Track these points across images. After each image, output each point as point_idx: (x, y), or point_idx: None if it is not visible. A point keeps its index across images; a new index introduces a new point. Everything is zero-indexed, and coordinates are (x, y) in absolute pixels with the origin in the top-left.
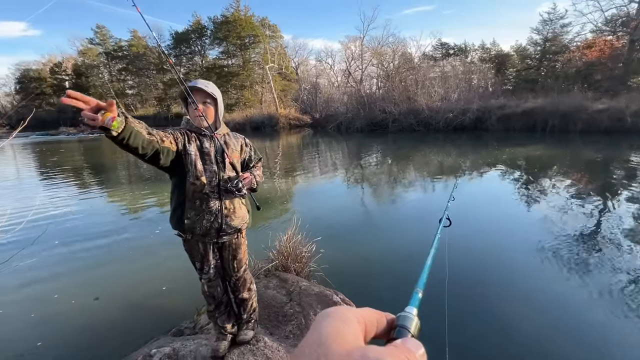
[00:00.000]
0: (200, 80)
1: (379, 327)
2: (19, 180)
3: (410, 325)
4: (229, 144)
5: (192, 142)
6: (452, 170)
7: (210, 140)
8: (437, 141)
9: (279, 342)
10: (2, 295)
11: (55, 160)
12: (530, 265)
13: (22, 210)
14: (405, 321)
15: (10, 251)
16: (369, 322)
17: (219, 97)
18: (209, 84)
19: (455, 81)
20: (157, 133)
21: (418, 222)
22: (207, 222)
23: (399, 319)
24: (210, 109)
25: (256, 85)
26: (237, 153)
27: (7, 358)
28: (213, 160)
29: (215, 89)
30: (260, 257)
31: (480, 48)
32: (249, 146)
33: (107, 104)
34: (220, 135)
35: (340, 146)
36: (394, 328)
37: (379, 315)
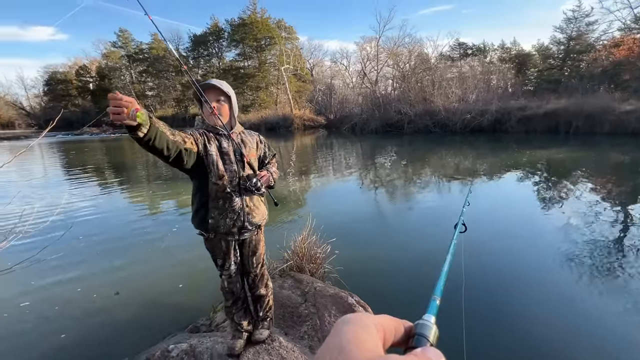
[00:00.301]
0: (214, 80)
1: (397, 335)
2: (46, 179)
3: (429, 334)
4: (245, 142)
5: (212, 143)
6: (469, 172)
7: (228, 140)
8: (454, 143)
9: (294, 342)
10: (30, 288)
11: (79, 159)
12: (550, 272)
13: (49, 208)
14: (423, 329)
15: (38, 246)
16: (387, 329)
17: (233, 94)
18: (222, 83)
19: (473, 82)
20: (179, 134)
21: (433, 226)
22: (231, 221)
23: (417, 327)
24: (225, 107)
25: (271, 86)
26: (253, 151)
27: (34, 348)
28: (233, 159)
29: (229, 87)
30: (275, 257)
31: (500, 48)
32: (264, 143)
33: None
34: (236, 133)
35: (354, 147)
36: (412, 336)
37: (397, 323)
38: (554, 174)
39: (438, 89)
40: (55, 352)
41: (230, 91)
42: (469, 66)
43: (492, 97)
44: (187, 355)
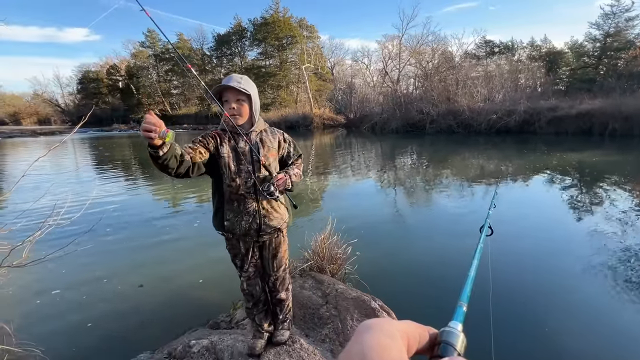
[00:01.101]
0: (234, 76)
1: (421, 342)
2: (78, 173)
3: (455, 342)
4: (264, 142)
5: (224, 144)
6: (493, 175)
7: (245, 139)
8: (478, 144)
9: (315, 345)
10: (61, 277)
11: (108, 154)
12: (580, 280)
13: (80, 201)
14: (450, 337)
15: (69, 237)
16: (411, 336)
17: (253, 92)
18: (242, 79)
19: (500, 81)
20: (188, 151)
21: (456, 229)
22: (246, 223)
23: (443, 334)
24: (244, 107)
25: (292, 85)
26: (273, 150)
27: (62, 334)
28: (249, 159)
29: (249, 83)
30: (296, 256)
31: (529, 45)
32: (288, 142)
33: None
34: (256, 132)
35: (374, 147)
36: (438, 344)
37: (421, 330)
38: (587, 178)
39: (462, 88)
40: (82, 339)
41: (251, 88)
42: (496, 65)
43: (520, 97)
44: (208, 351)
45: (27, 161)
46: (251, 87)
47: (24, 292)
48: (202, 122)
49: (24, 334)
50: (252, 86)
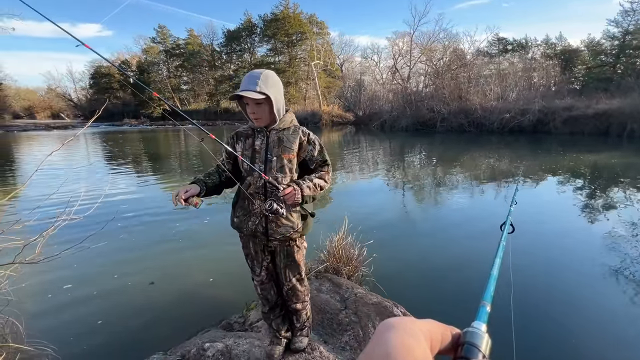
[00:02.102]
0: (252, 75)
1: (444, 342)
2: (90, 167)
3: (480, 344)
4: (282, 141)
5: (240, 142)
6: (506, 174)
7: (263, 137)
8: (490, 144)
9: (335, 352)
10: (72, 272)
11: (119, 149)
12: (600, 283)
13: (92, 196)
14: (474, 338)
15: (82, 233)
16: (434, 336)
17: (273, 91)
18: (260, 78)
19: (513, 79)
20: (220, 171)
21: (470, 228)
22: (252, 224)
23: (467, 335)
24: (264, 109)
25: (301, 82)
26: (290, 152)
27: (71, 330)
28: (262, 158)
29: (268, 81)
30: (311, 257)
31: (543, 43)
32: (313, 143)
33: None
34: (276, 130)
35: (383, 145)
36: (461, 345)
37: (444, 329)
38: (605, 180)
39: (475, 86)
40: (93, 337)
41: (270, 88)
42: (509, 62)
43: (534, 96)
44: (223, 356)
45: (41, 154)
46: (270, 85)
47: (36, 286)
48: (211, 118)
49: (35, 331)
50: (273, 83)
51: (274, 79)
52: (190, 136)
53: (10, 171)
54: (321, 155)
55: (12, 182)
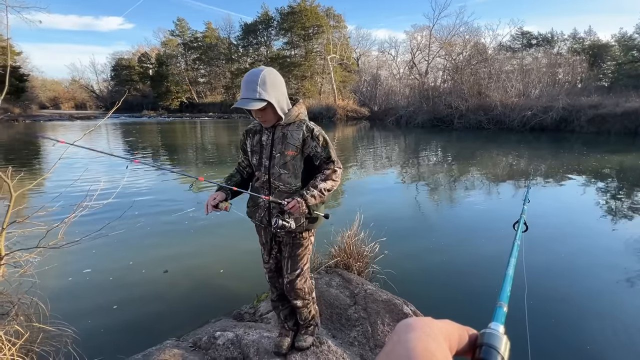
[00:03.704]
0: (250, 79)
1: (461, 343)
2: (110, 157)
3: (499, 345)
4: (287, 137)
5: (249, 138)
6: (524, 174)
7: (269, 133)
8: (509, 142)
9: (343, 348)
10: (91, 258)
11: (138, 139)
12: (618, 288)
13: (112, 186)
14: (493, 340)
15: (101, 220)
16: (451, 337)
17: (274, 95)
18: (258, 84)
19: (537, 75)
20: (242, 167)
21: (484, 228)
22: (259, 216)
23: (484, 336)
24: (268, 112)
25: (316, 75)
26: (293, 148)
27: (89, 313)
28: (267, 154)
29: (267, 85)
30: (322, 252)
31: (571, 37)
32: (317, 139)
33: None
34: (282, 126)
35: (398, 141)
36: (479, 346)
37: (461, 330)
38: (630, 182)
39: (495, 82)
40: (109, 321)
41: (270, 93)
42: (533, 58)
43: (559, 93)
44: (233, 345)
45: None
46: (270, 88)
47: (58, 269)
48: (227, 111)
49: (57, 312)
50: (272, 84)
51: (273, 78)
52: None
53: (36, 159)
54: (325, 151)
55: (37, 170)
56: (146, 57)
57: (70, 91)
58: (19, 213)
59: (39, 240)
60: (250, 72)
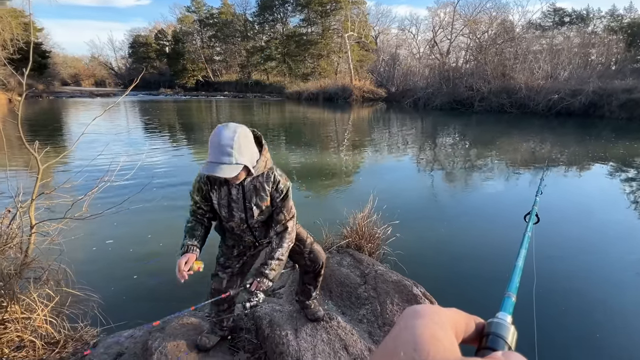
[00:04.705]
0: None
1: (467, 332)
2: (129, 134)
3: (506, 335)
4: (258, 189)
5: (214, 190)
6: (544, 161)
7: (238, 186)
8: (532, 127)
9: (352, 324)
10: (113, 230)
11: (156, 118)
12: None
13: (132, 162)
14: (500, 329)
15: (122, 195)
16: (458, 325)
17: (248, 153)
18: (232, 147)
19: (567, 56)
20: (199, 227)
21: (499, 216)
22: (244, 248)
23: (492, 325)
24: (241, 174)
25: (333, 54)
26: (266, 200)
27: (111, 281)
28: (241, 207)
29: (241, 147)
30: (334, 232)
31: (608, 15)
32: (281, 192)
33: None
34: (251, 178)
35: (415, 124)
36: (486, 335)
37: (467, 319)
38: None
39: (522, 63)
40: (128, 289)
41: (245, 153)
42: (564, 37)
43: (590, 75)
44: (247, 316)
45: (86, 120)
46: (244, 148)
47: (83, 240)
48: (242, 90)
49: (83, 279)
50: (246, 144)
51: (245, 137)
52: (222, 107)
53: (60, 134)
54: (284, 215)
55: (62, 144)
56: (162, 34)
57: (90, 68)
58: (45, 185)
59: (65, 212)
60: (224, 135)
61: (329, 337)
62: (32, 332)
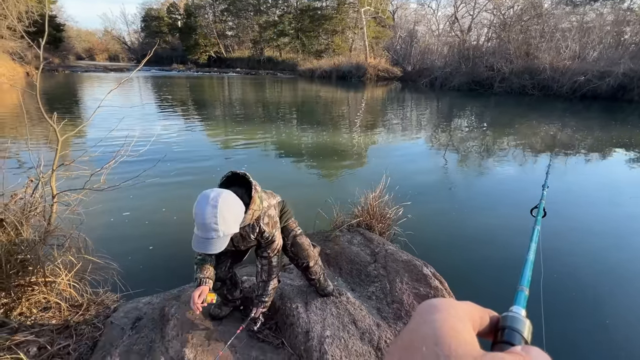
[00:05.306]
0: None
1: (482, 325)
2: (143, 109)
3: (522, 329)
4: (244, 238)
5: None
6: (565, 146)
7: None
8: (554, 110)
9: (361, 300)
10: (129, 202)
11: (169, 93)
12: None
13: (146, 136)
14: (516, 323)
15: (138, 170)
16: (474, 318)
17: (233, 220)
18: (217, 223)
19: (598, 34)
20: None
21: (511, 203)
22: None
23: (507, 319)
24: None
25: (348, 30)
26: (253, 242)
27: (130, 253)
28: (228, 255)
29: (226, 218)
30: (345, 211)
31: None
32: (266, 241)
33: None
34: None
35: (430, 105)
36: (501, 329)
37: (482, 312)
38: None
39: (548, 41)
40: (145, 258)
41: (233, 221)
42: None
43: (621, 56)
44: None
45: (101, 94)
46: (229, 222)
47: (102, 210)
48: (254, 67)
49: (102, 248)
50: (231, 216)
51: (226, 208)
52: (234, 84)
53: (77, 108)
54: (267, 246)
55: (79, 117)
56: (175, 8)
57: (104, 42)
58: (64, 157)
59: (85, 183)
60: (206, 214)
61: (338, 312)
62: (57, 295)
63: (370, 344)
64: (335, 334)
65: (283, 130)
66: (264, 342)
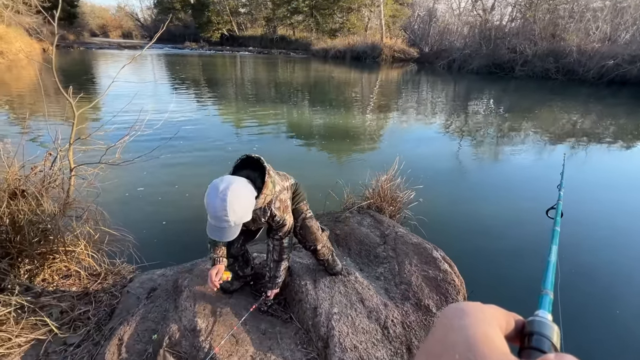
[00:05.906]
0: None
1: (507, 329)
2: (156, 87)
3: (551, 335)
4: (255, 220)
5: None
6: (587, 134)
7: None
8: (578, 96)
9: (369, 280)
10: (143, 178)
11: (181, 71)
12: None
13: (159, 113)
14: (544, 329)
15: (151, 146)
16: (500, 323)
17: (243, 211)
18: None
19: (633, 15)
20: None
21: (526, 194)
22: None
23: (534, 324)
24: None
25: (364, 8)
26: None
27: (144, 227)
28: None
29: (235, 210)
30: (356, 193)
31: None
32: (277, 224)
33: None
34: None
35: (447, 88)
36: (529, 334)
37: (507, 316)
38: None
39: (577, 22)
40: (158, 233)
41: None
42: None
43: None
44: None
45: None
46: (239, 212)
47: (117, 185)
48: (267, 46)
49: (117, 220)
50: (240, 206)
51: (236, 199)
52: (246, 63)
53: (92, 83)
54: (279, 228)
55: (94, 94)
56: None
57: (117, 19)
58: (80, 132)
59: (100, 157)
60: (216, 207)
61: (346, 290)
62: (77, 264)
63: (377, 322)
64: (343, 311)
65: (295, 111)
66: (273, 316)
